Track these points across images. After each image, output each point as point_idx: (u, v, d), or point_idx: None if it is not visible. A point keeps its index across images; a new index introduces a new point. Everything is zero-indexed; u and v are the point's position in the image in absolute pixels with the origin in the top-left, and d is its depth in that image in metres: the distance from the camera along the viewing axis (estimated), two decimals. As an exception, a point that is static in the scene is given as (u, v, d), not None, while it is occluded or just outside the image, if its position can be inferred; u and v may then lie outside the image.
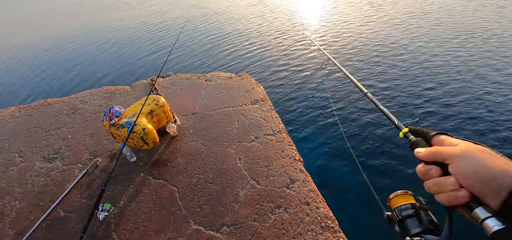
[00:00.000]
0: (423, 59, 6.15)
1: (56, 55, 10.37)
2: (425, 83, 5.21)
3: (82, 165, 2.53)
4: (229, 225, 1.83)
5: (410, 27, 8.16)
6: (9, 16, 24.59)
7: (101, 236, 1.88)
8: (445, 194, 0.46)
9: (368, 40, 7.61)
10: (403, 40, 7.29)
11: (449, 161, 0.46)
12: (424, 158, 0.52)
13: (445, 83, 5.11)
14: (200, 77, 3.78)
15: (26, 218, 2.09)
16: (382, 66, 6.08)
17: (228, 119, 2.84)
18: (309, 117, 4.54)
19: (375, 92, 5.01)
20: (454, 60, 5.92)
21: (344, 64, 6.30)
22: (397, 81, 5.38)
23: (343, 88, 5.22)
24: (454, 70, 5.52)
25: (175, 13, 14.69)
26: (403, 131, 0.63)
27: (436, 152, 0.49)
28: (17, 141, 2.99)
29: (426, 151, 0.52)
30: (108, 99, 3.55)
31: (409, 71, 5.70)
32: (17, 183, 2.43)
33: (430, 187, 0.49)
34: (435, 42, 6.93)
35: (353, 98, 4.88)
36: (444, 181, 0.46)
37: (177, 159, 2.42)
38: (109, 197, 2.15)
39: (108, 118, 2.39)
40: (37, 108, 3.57)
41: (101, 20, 15.62)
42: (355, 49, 7.20)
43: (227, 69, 7.07)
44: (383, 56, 6.53)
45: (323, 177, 3.40)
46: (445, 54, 6.24)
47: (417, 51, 6.55)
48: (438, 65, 5.78)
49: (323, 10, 11.41)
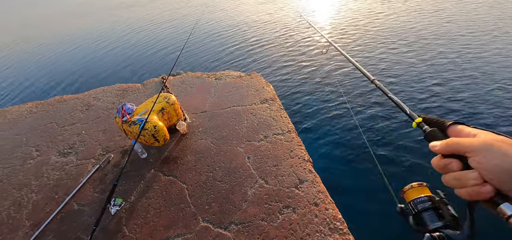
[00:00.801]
0: (432, 55, 6.03)
1: (70, 52, 10.68)
2: (434, 78, 5.13)
3: (95, 160, 2.59)
4: (237, 223, 1.83)
5: (420, 24, 7.95)
6: (24, 16, 25.51)
7: (113, 230, 1.93)
8: (467, 189, 0.43)
9: (377, 35, 7.51)
10: (412, 36, 7.13)
11: (469, 153, 0.43)
12: (441, 152, 0.48)
13: (457, 78, 4.98)
14: (210, 75, 3.80)
15: (42, 210, 2.17)
16: (389, 61, 6.01)
17: (237, 117, 2.85)
18: (320, 117, 4.50)
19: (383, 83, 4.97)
20: (464, 56, 5.75)
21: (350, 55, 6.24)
22: (405, 75, 5.32)
23: (358, 89, 5.14)
24: (464, 66, 5.38)
25: (186, 12, 14.85)
26: (416, 121, 0.60)
27: (454, 144, 0.46)
28: (34, 136, 3.10)
29: (442, 144, 0.48)
30: (120, 96, 3.63)
31: (418, 66, 5.60)
32: (34, 176, 2.53)
33: (449, 181, 0.46)
34: (446, 38, 6.73)
35: (370, 99, 4.80)
36: (466, 175, 0.43)
37: (186, 157, 2.45)
38: (121, 192, 2.20)
39: (121, 115, 2.45)
40: (53, 104, 3.69)
41: (113, 19, 15.97)
42: (362, 43, 7.16)
43: (237, 67, 7.09)
44: (392, 52, 6.44)
45: (333, 178, 3.36)
46: (458, 50, 6.05)
47: (430, 47, 6.38)
48: (448, 61, 5.62)
49: (332, 7, 11.26)
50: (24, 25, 20.22)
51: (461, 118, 4.02)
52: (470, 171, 0.43)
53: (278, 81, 5.98)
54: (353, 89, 5.15)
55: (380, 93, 2.37)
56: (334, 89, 5.27)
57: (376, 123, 4.08)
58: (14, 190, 2.40)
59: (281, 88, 5.63)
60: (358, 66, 1.11)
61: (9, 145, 3.01)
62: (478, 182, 0.41)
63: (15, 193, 2.36)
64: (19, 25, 20.86)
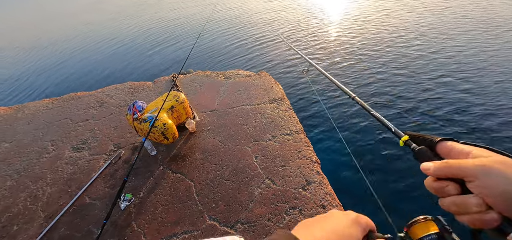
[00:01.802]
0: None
1: (84, 50, 11.00)
2: (424, 84, 4.98)
3: (106, 156, 2.66)
4: (243, 222, 1.84)
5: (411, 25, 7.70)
6: (41, 14, 26.46)
7: (122, 224, 1.98)
8: (469, 216, 0.39)
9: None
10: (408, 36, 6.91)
11: (468, 178, 0.39)
12: (435, 175, 0.44)
13: (454, 83, 4.81)
14: (219, 74, 3.83)
15: (56, 202, 2.25)
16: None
17: (246, 117, 2.85)
18: (329, 119, 4.44)
19: (372, 98, 4.82)
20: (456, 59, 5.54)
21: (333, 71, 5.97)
22: (398, 87, 5.10)
23: (368, 89, 5.05)
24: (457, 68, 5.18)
25: (196, 11, 14.99)
26: (403, 139, 0.57)
27: (450, 167, 0.42)
28: (50, 131, 3.21)
29: (436, 166, 0.44)
30: (132, 94, 3.71)
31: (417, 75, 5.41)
32: (49, 169, 2.62)
33: (448, 206, 0.42)
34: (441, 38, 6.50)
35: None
36: (466, 202, 0.39)
37: (194, 155, 2.48)
38: (130, 188, 2.25)
39: (132, 112, 2.50)
40: (67, 101, 3.81)
41: (127, 19, 16.32)
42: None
43: (246, 67, 7.10)
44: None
45: (341, 180, 3.31)
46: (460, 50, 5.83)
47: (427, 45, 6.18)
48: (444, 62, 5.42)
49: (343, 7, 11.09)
50: (49, 19, 21.03)
51: (455, 126, 3.86)
52: (471, 196, 0.39)
53: (288, 80, 5.94)
54: (365, 89, 5.06)
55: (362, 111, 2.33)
56: (348, 88, 5.18)
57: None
58: (30, 183, 2.49)
59: (290, 87, 5.60)
60: (338, 84, 1.08)
61: (27, 139, 3.14)
62: (482, 209, 0.38)
63: (31, 186, 2.46)
64: (44, 20, 21.70)
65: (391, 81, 5.25)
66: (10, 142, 3.14)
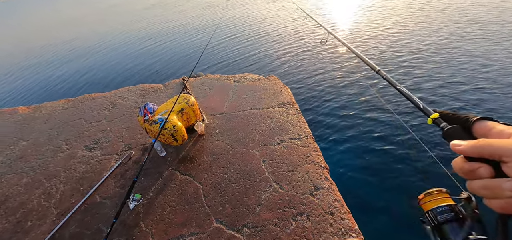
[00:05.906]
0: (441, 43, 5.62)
1: (100, 52, 11.36)
2: (447, 68, 4.81)
3: (117, 156, 2.72)
4: (250, 226, 1.83)
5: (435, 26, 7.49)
6: (58, 18, 27.55)
7: (131, 224, 2.00)
8: (501, 201, 0.36)
9: (395, 37, 7.15)
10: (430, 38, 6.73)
11: (507, 158, 0.35)
12: (467, 153, 0.40)
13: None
14: (229, 78, 3.85)
15: (68, 200, 2.31)
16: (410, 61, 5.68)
17: (254, 120, 2.85)
18: (338, 124, 4.38)
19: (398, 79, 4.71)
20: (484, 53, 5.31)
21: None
22: (427, 73, 5.01)
23: (377, 93, 4.96)
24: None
25: (207, 15, 15.22)
26: (432, 117, 0.52)
27: (487, 145, 0.37)
28: (65, 131, 3.32)
29: (469, 145, 0.39)
30: (143, 96, 3.79)
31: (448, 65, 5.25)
32: (62, 168, 2.70)
33: (477, 189, 0.39)
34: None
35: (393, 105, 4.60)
36: (500, 186, 0.36)
37: (203, 157, 2.50)
38: (140, 188, 2.29)
39: (143, 114, 2.55)
40: (82, 101, 3.94)
41: (139, 22, 16.75)
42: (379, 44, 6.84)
43: (255, 70, 7.12)
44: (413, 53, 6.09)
45: (350, 187, 3.24)
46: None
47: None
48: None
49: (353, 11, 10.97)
50: (66, 23, 21.87)
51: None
52: (506, 180, 0.36)
53: (296, 84, 5.91)
54: (378, 96, 4.97)
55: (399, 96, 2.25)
56: (355, 95, 5.11)
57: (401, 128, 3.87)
58: (44, 180, 2.58)
59: (299, 91, 5.57)
60: (362, 56, 1.03)
61: (43, 138, 3.25)
62: None
63: (45, 183, 2.54)
64: (63, 23, 22.59)
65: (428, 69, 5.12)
66: (27, 140, 3.26)
